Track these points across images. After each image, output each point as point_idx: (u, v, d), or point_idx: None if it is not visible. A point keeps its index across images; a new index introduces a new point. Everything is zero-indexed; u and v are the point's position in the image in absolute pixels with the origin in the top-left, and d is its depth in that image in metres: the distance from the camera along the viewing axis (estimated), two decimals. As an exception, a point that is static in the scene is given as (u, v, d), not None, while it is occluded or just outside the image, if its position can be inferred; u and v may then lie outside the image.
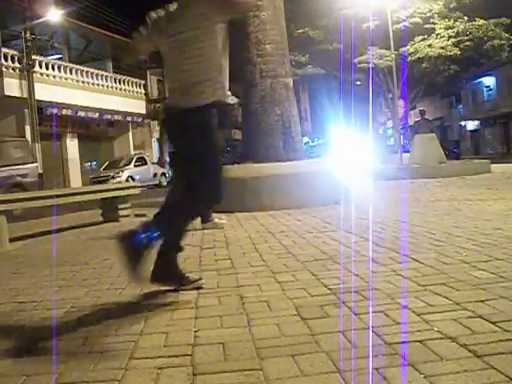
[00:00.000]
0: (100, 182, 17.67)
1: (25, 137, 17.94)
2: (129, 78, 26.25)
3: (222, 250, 3.87)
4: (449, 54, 20.92)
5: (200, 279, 2.72)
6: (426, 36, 21.32)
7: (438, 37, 21.12)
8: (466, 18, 20.97)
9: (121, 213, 7.06)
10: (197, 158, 2.53)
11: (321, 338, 1.81)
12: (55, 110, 20.68)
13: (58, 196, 6.16)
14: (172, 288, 2.65)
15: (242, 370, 1.61)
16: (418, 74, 22.94)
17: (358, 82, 28.16)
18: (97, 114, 23.21)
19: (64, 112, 21.25)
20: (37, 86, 19.93)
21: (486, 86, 36.54)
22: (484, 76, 35.45)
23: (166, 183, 22.82)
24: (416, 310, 2.02)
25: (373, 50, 20.88)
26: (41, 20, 20.30)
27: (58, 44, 23.99)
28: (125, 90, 25.83)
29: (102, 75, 24.43)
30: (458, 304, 2.06)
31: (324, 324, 1.97)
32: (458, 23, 21.03)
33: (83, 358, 1.82)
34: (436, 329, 1.81)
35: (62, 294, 2.85)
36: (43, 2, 20.47)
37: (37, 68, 20.26)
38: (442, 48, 20.83)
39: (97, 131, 25.21)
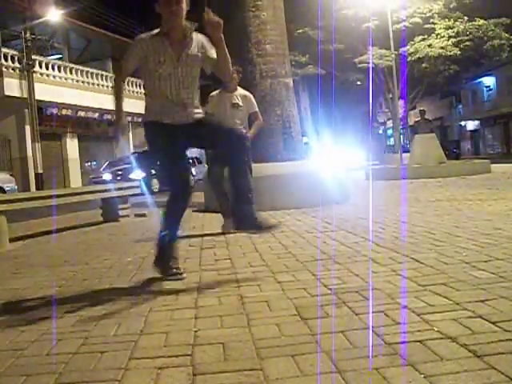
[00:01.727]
0: (100, 182, 17.62)
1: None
2: (129, 77, 26.21)
3: (222, 250, 3.88)
4: (449, 53, 20.93)
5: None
6: (426, 36, 21.33)
7: (438, 37, 21.13)
8: (466, 17, 20.99)
9: (121, 213, 7.06)
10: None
11: (321, 338, 1.81)
12: (55, 110, 20.69)
13: (58, 196, 6.17)
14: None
15: (241, 370, 1.61)
16: (418, 74, 22.96)
17: (359, 82, 28.18)
18: (97, 114, 23.21)
19: (64, 112, 21.25)
20: (37, 86, 19.92)
21: (486, 86, 36.51)
22: (484, 76, 35.41)
23: (165, 183, 22.76)
24: (416, 310, 2.02)
25: (373, 50, 20.89)
26: (41, 20, 20.30)
27: (58, 44, 23.99)
28: (125, 89, 25.78)
29: (101, 75, 24.42)
30: (458, 304, 2.06)
31: (324, 324, 1.97)
32: (457, 23, 21.05)
33: (83, 358, 1.82)
34: (436, 329, 1.81)
35: (61, 294, 2.85)
36: (43, 2, 20.47)
37: (37, 68, 20.25)
38: (442, 48, 20.84)
39: (97, 131, 25.19)
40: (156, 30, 2.93)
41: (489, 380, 1.40)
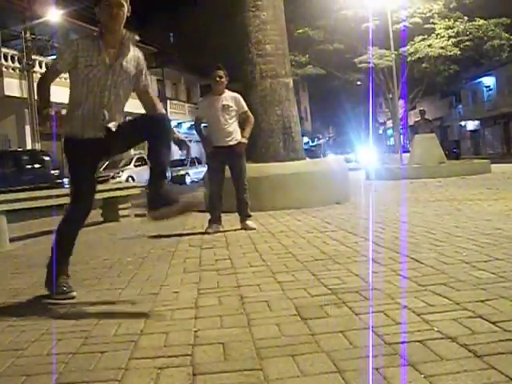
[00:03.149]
0: (100, 182, 17.52)
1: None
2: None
3: (222, 250, 3.87)
4: (449, 53, 20.92)
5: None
6: (426, 36, 21.32)
7: (438, 37, 21.12)
8: (466, 18, 20.97)
9: (121, 213, 7.06)
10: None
11: (321, 338, 1.81)
12: (55, 110, 20.67)
13: (58, 196, 6.16)
14: None
15: (241, 370, 1.61)
16: (418, 74, 22.95)
17: (359, 82, 28.19)
18: (97, 114, 23.17)
19: (64, 112, 21.24)
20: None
21: (486, 86, 36.51)
22: (484, 76, 35.42)
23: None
24: (416, 310, 2.02)
25: (373, 50, 20.88)
26: (41, 20, 20.29)
27: (58, 44, 23.98)
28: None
29: (101, 75, 24.39)
30: (458, 304, 2.06)
31: (324, 324, 1.97)
32: (457, 23, 21.03)
33: (83, 358, 1.82)
34: (436, 329, 1.81)
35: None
36: (43, 2, 20.46)
37: (37, 68, 20.25)
38: (442, 48, 20.83)
39: (97, 131, 25.17)
40: (91, 34, 2.75)
41: (489, 380, 1.40)
